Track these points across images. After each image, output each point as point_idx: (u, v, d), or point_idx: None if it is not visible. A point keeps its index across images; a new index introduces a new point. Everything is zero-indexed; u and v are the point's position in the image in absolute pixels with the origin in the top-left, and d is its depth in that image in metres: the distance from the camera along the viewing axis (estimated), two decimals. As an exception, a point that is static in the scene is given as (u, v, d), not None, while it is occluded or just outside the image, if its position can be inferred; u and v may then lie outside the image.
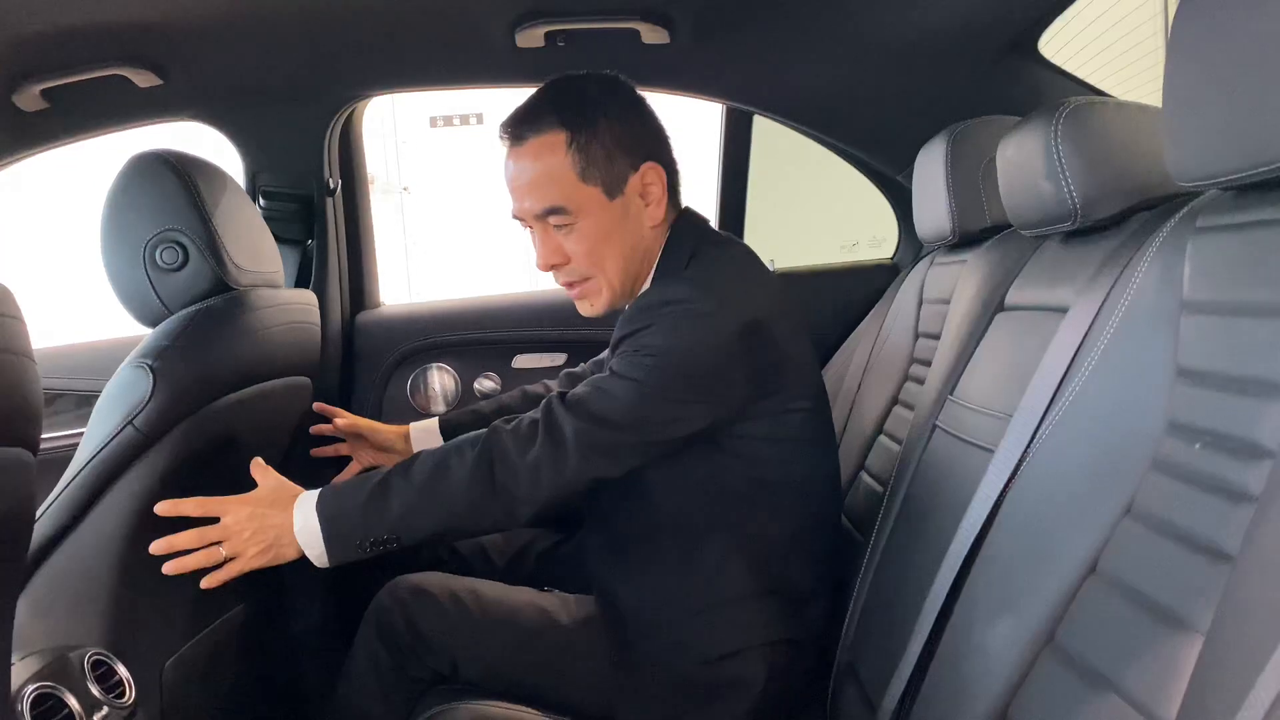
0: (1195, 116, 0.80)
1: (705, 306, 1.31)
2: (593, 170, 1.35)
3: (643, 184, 1.38)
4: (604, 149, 1.35)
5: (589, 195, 1.35)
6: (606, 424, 1.29)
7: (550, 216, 1.36)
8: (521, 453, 1.28)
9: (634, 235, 1.39)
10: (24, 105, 1.57)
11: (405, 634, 1.43)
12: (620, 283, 1.41)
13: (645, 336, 1.30)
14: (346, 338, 2.12)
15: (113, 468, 1.29)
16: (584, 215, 1.36)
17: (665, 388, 1.29)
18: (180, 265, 1.41)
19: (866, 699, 1.25)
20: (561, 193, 1.35)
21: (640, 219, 1.39)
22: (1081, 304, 1.04)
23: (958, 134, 1.63)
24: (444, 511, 1.30)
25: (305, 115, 1.98)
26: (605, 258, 1.38)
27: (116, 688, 1.19)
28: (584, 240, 1.37)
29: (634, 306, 1.35)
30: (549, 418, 1.30)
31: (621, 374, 1.31)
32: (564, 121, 1.35)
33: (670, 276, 1.39)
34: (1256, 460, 0.70)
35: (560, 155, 1.34)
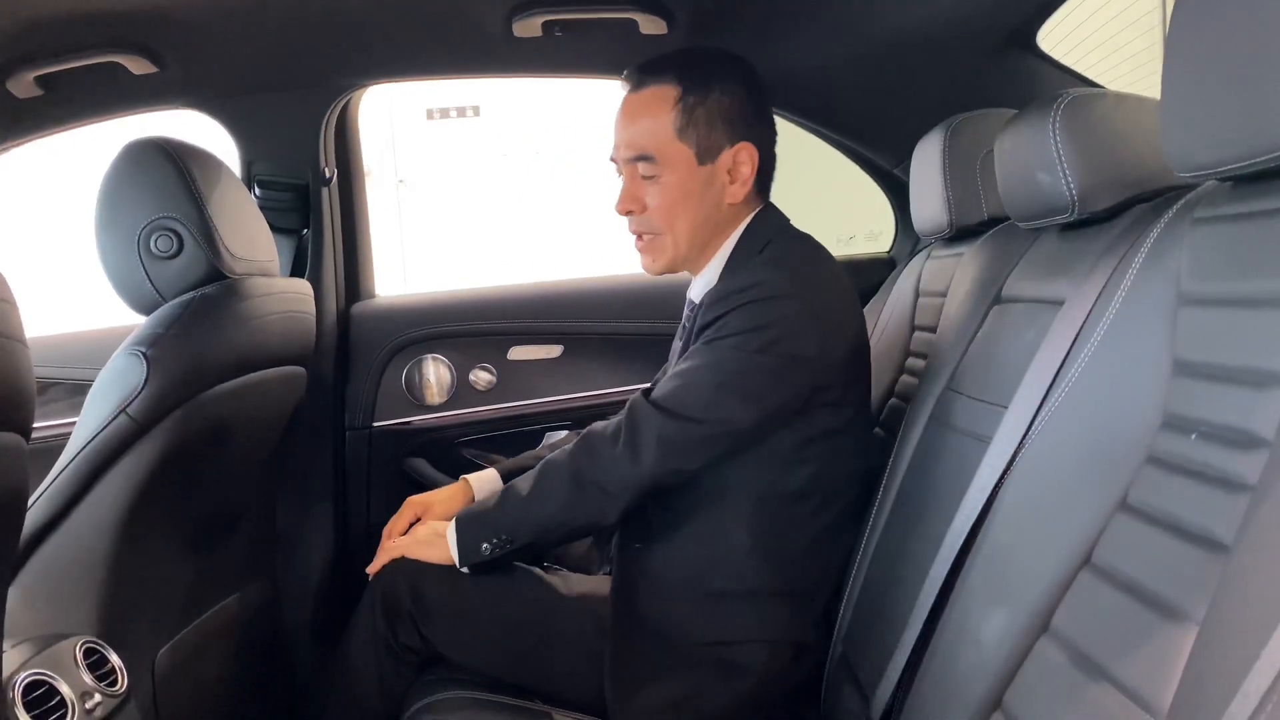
0: (1193, 107, 0.80)
1: (784, 290, 1.34)
2: (690, 130, 1.41)
3: (734, 160, 1.43)
4: (707, 114, 1.41)
5: (680, 153, 1.41)
6: (683, 416, 1.33)
7: (640, 163, 1.43)
8: (608, 450, 1.35)
9: (711, 206, 1.44)
10: (19, 92, 1.56)
11: (407, 602, 1.44)
12: (687, 246, 1.45)
13: (725, 323, 1.34)
14: (341, 328, 2.11)
15: (106, 455, 1.29)
16: (670, 170, 1.42)
17: (744, 374, 1.32)
18: (175, 253, 1.41)
19: (860, 689, 1.25)
20: (655, 143, 1.41)
21: (722, 193, 1.44)
22: (1078, 296, 1.04)
23: (955, 127, 1.63)
24: (544, 512, 1.39)
25: (301, 104, 1.97)
26: (678, 217, 1.43)
27: (109, 676, 1.19)
28: (664, 194, 1.43)
29: (714, 294, 1.38)
30: (631, 415, 1.36)
31: (701, 363, 1.34)
32: (680, 78, 1.42)
33: (745, 262, 1.41)
34: (1252, 450, 0.70)
35: (666, 107, 1.41)
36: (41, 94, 1.59)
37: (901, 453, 1.43)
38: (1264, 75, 0.71)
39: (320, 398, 1.99)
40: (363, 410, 2.11)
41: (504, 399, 2.15)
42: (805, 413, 1.37)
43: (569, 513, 1.38)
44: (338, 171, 2.08)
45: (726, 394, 1.32)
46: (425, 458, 2.13)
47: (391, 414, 2.12)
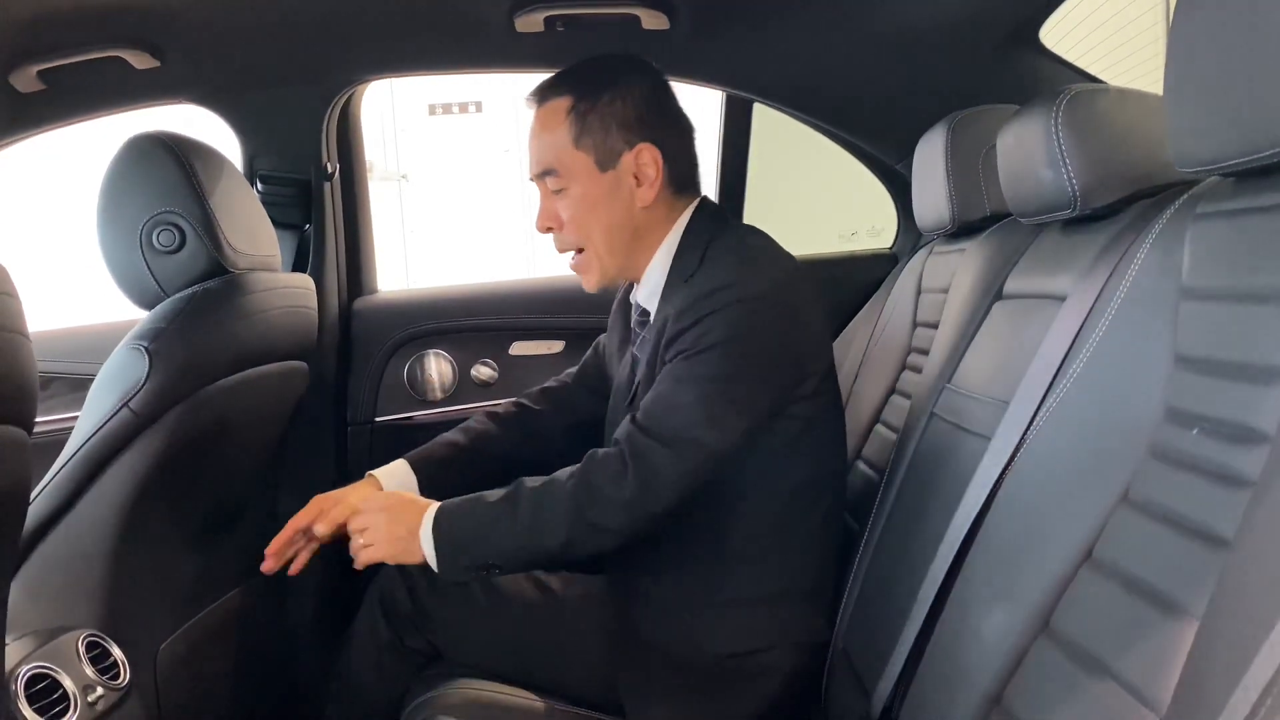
0: (1196, 103, 0.80)
1: (755, 288, 1.32)
2: (586, 139, 1.39)
3: (637, 164, 1.40)
4: (601, 121, 1.39)
5: (580, 162, 1.40)
6: (687, 443, 1.28)
7: (546, 178, 1.42)
8: (616, 490, 1.29)
9: (622, 212, 1.41)
10: (21, 86, 1.56)
11: (407, 605, 1.44)
12: (609, 256, 1.43)
13: (700, 330, 1.30)
14: (343, 323, 2.11)
15: (108, 450, 1.29)
16: (573, 181, 1.40)
17: (733, 375, 1.30)
18: (177, 248, 1.41)
19: (861, 685, 1.25)
20: (555, 156, 1.41)
21: (631, 198, 1.41)
22: (1080, 291, 1.04)
23: (957, 123, 1.62)
24: (540, 546, 1.32)
25: (303, 99, 1.97)
26: (591, 227, 1.42)
27: (111, 669, 1.19)
28: (573, 207, 1.42)
29: (680, 302, 1.34)
30: (635, 449, 1.29)
31: (684, 379, 1.30)
32: (571, 90, 1.41)
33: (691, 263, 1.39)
34: (1254, 445, 0.70)
35: (561, 119, 1.40)
36: (44, 88, 1.58)
37: (903, 449, 1.43)
38: (1267, 70, 0.71)
39: (322, 393, 1.99)
40: (365, 405, 2.11)
41: (506, 394, 2.14)
42: (789, 407, 1.36)
43: (567, 550, 1.32)
44: (340, 166, 2.07)
45: (722, 409, 1.29)
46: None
47: (393, 409, 2.12)
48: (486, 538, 1.32)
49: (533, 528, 1.31)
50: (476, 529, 1.33)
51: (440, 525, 1.33)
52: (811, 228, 2.83)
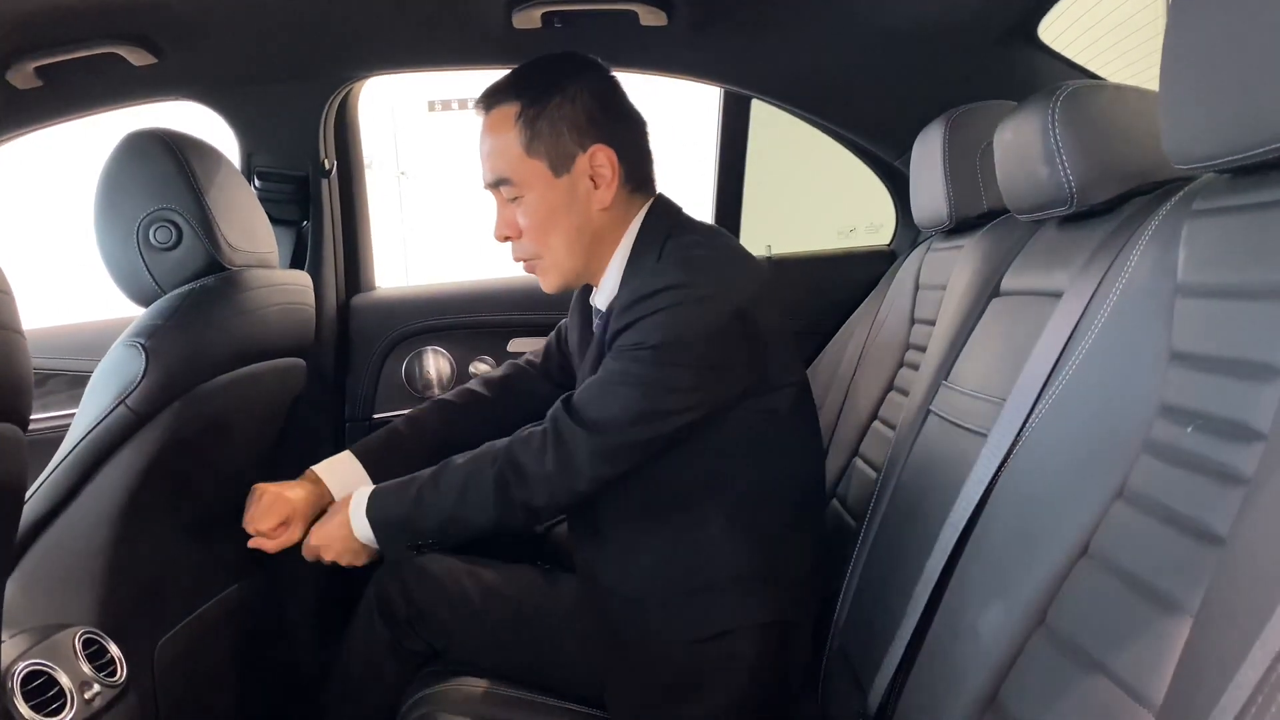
0: (1192, 99, 0.80)
1: (701, 290, 1.30)
2: (538, 145, 1.36)
3: (591, 165, 1.38)
4: (552, 125, 1.36)
5: (533, 169, 1.37)
6: (612, 428, 1.29)
7: (500, 188, 1.40)
8: (535, 467, 1.31)
9: (581, 216, 1.39)
10: (18, 83, 1.56)
11: (404, 608, 1.45)
12: (567, 263, 1.42)
13: (642, 329, 1.29)
14: (341, 320, 2.11)
15: (105, 447, 1.29)
16: (529, 189, 1.38)
17: (668, 380, 1.29)
18: (174, 244, 1.41)
19: (857, 682, 1.26)
20: (508, 164, 1.38)
21: (588, 201, 1.39)
22: (1076, 288, 1.04)
23: (956, 119, 1.62)
24: (474, 524, 1.37)
25: (301, 95, 1.97)
26: (550, 234, 1.40)
27: (108, 666, 1.19)
28: (529, 215, 1.39)
29: (623, 300, 1.33)
30: (556, 429, 1.32)
31: (622, 372, 1.30)
32: (518, 95, 1.38)
33: (647, 263, 1.37)
34: (1248, 442, 0.70)
35: (509, 126, 1.37)
36: (41, 85, 1.58)
37: (900, 446, 1.43)
38: (1262, 67, 0.71)
39: (320, 390, 1.99)
40: (363, 402, 2.12)
41: (504, 391, 2.15)
42: (744, 401, 1.35)
43: (498, 523, 1.36)
44: (338, 163, 2.07)
45: (650, 407, 1.29)
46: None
47: (391, 406, 2.12)
48: (417, 517, 1.38)
49: (461, 505, 1.35)
50: (407, 510, 1.38)
51: (373, 508, 1.40)
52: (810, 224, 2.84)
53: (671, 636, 1.37)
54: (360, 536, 1.41)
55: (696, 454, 1.35)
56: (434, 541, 1.40)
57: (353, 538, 1.41)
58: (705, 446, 1.35)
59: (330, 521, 1.44)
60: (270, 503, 1.47)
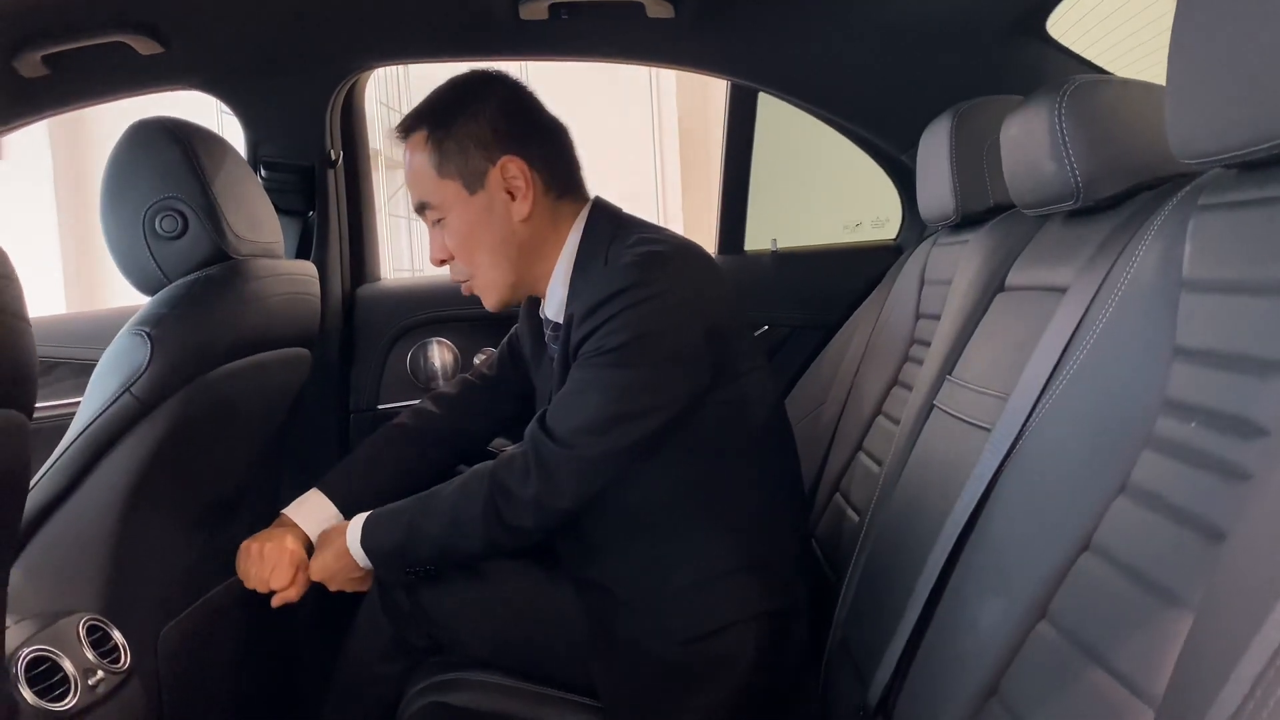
0: (1200, 93, 0.79)
1: (655, 287, 1.30)
2: (448, 165, 1.39)
3: (504, 178, 1.39)
4: (458, 144, 1.39)
5: (448, 190, 1.40)
6: (589, 438, 1.30)
7: (424, 211, 1.42)
8: (520, 490, 1.33)
9: (502, 230, 1.41)
10: (25, 71, 1.56)
11: (406, 602, 1.45)
12: (498, 279, 1.43)
13: (603, 334, 1.30)
14: (346, 310, 2.12)
15: (109, 435, 1.29)
16: (448, 209, 1.40)
17: (635, 380, 1.30)
18: (179, 233, 1.41)
19: (859, 674, 1.26)
20: (423, 189, 1.41)
21: (506, 213, 1.40)
22: (1081, 283, 1.04)
23: (962, 113, 1.62)
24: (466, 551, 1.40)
25: (308, 86, 1.97)
26: (475, 252, 1.42)
27: (112, 653, 1.19)
28: (452, 236, 1.42)
29: (581, 307, 1.33)
30: (536, 450, 1.33)
31: (589, 380, 1.31)
32: (424, 121, 1.41)
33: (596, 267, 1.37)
34: (1252, 438, 0.70)
35: (422, 152, 1.40)
36: (48, 74, 1.59)
37: (903, 440, 1.43)
38: (1271, 61, 0.70)
39: (325, 380, 2.00)
40: (367, 393, 2.12)
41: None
42: (712, 394, 1.35)
43: (490, 549, 1.39)
44: (344, 154, 2.08)
45: (622, 411, 1.30)
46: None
47: (396, 397, 2.13)
48: (410, 547, 1.40)
49: (452, 534, 1.37)
50: (401, 540, 1.41)
51: (368, 540, 1.42)
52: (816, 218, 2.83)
53: (665, 637, 1.37)
54: (361, 564, 1.44)
55: (672, 455, 1.35)
56: (433, 569, 1.42)
57: (355, 566, 1.44)
58: (679, 446, 1.35)
59: (327, 553, 1.47)
60: (275, 557, 1.48)
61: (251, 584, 1.49)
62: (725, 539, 1.38)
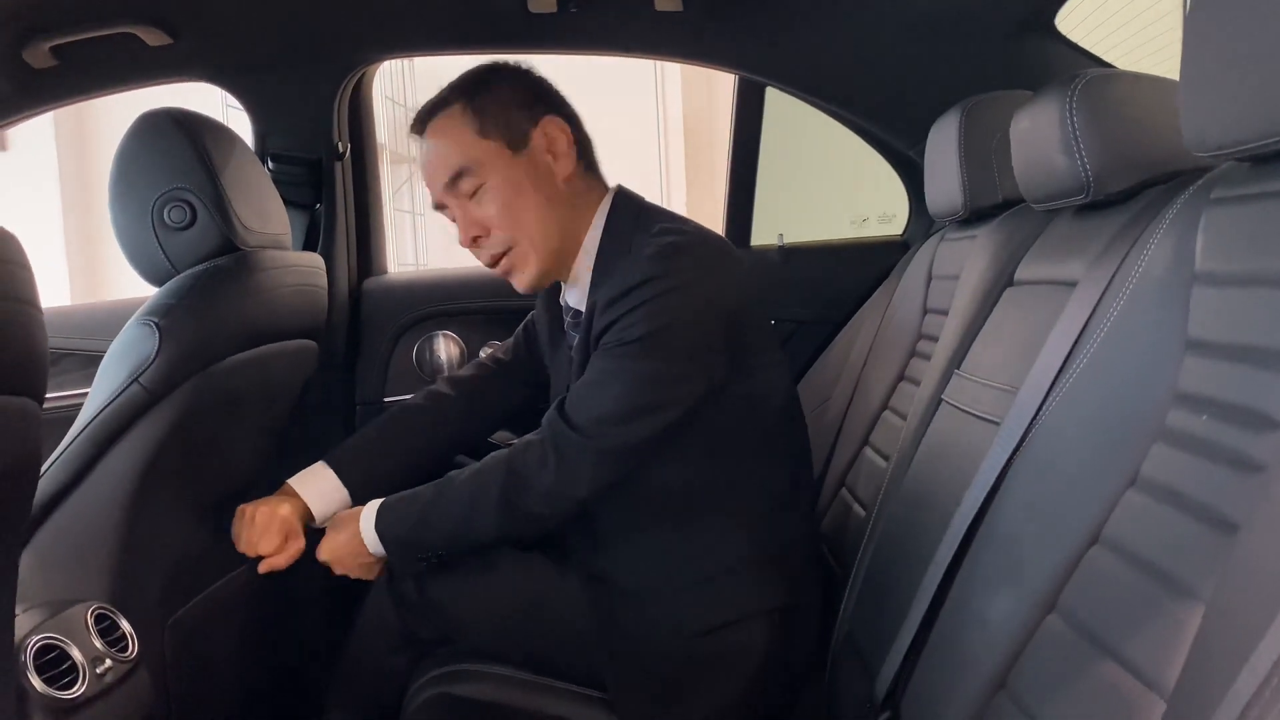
0: (1213, 86, 0.79)
1: (679, 278, 1.30)
2: (491, 125, 1.37)
3: (546, 136, 1.39)
4: (499, 104, 1.38)
5: (491, 150, 1.37)
6: (608, 428, 1.30)
7: (460, 182, 1.38)
8: (537, 478, 1.32)
9: (548, 190, 1.39)
10: (34, 62, 1.56)
11: (414, 593, 1.44)
12: (544, 243, 1.40)
13: (625, 324, 1.29)
14: (353, 303, 2.12)
15: (118, 424, 1.30)
16: (491, 171, 1.37)
17: (656, 371, 1.29)
18: (188, 224, 1.41)
19: (865, 668, 1.25)
20: (463, 152, 1.37)
21: (551, 174, 1.39)
22: (1091, 277, 1.03)
23: (971, 108, 1.61)
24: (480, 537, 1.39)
25: (315, 78, 1.97)
26: (522, 214, 1.38)
27: (119, 642, 1.19)
28: (497, 198, 1.37)
29: (605, 296, 1.32)
30: (554, 438, 1.32)
31: (611, 370, 1.31)
32: (458, 92, 1.40)
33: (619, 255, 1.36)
34: (1264, 430, 0.70)
35: (458, 120, 1.38)
36: (57, 64, 1.59)
37: (911, 434, 1.43)
38: (1284, 54, 0.70)
39: (331, 372, 2.00)
40: (373, 385, 2.12)
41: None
42: (730, 387, 1.35)
43: (503, 535, 1.38)
44: (351, 146, 2.08)
45: (644, 402, 1.30)
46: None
47: (402, 390, 2.13)
48: (425, 532, 1.39)
49: (467, 520, 1.36)
50: (415, 525, 1.40)
51: (382, 525, 1.40)
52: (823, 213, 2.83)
53: (675, 630, 1.37)
54: (373, 550, 1.42)
55: (689, 447, 1.35)
56: (444, 555, 1.42)
57: (365, 552, 1.43)
58: (697, 438, 1.35)
59: (339, 535, 1.45)
60: (266, 522, 1.46)
61: (241, 547, 1.47)
62: (738, 532, 1.38)
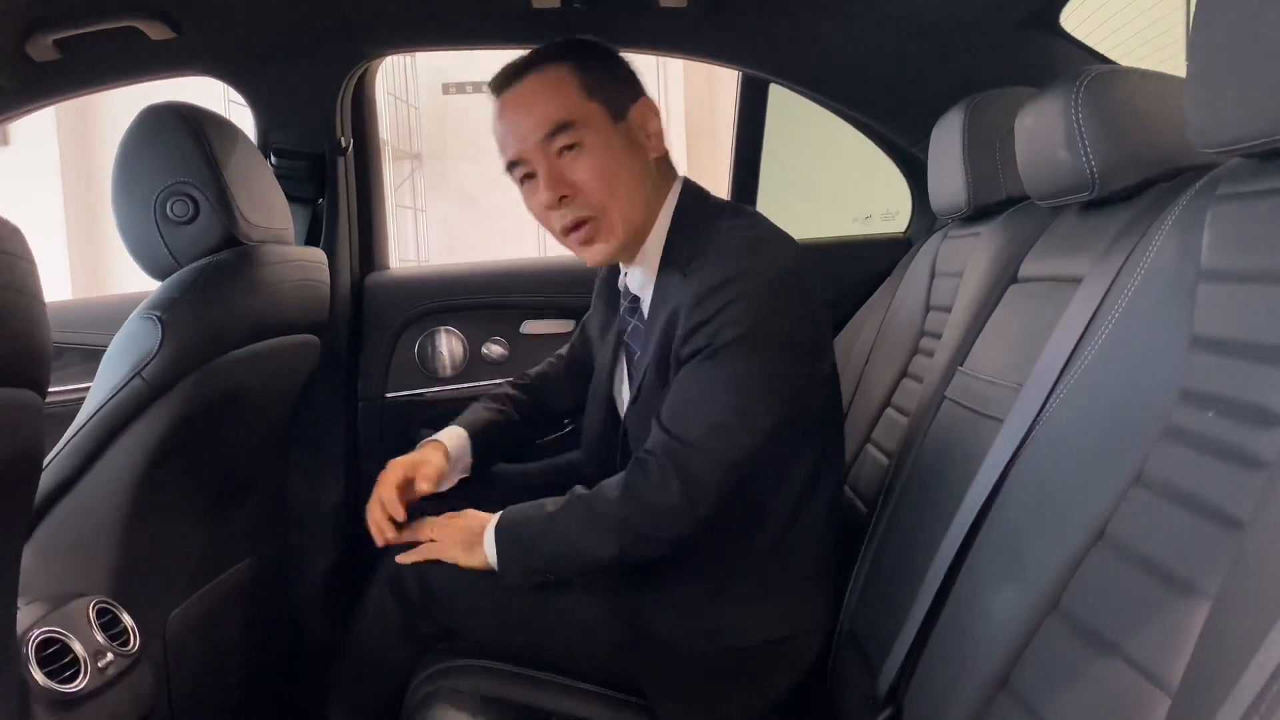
0: (1219, 82, 0.79)
1: (765, 274, 1.28)
2: (597, 90, 1.33)
3: (642, 115, 1.37)
4: (608, 74, 1.36)
5: (595, 112, 1.33)
6: (726, 437, 1.26)
7: (557, 136, 1.31)
8: (661, 498, 1.27)
9: (640, 165, 1.36)
10: (37, 55, 1.56)
11: (417, 588, 1.43)
12: (631, 217, 1.35)
13: (717, 328, 1.26)
14: (355, 298, 2.12)
15: (120, 418, 1.30)
16: (591, 132, 1.32)
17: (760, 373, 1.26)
18: (190, 218, 1.41)
19: (867, 666, 1.25)
20: (567, 107, 1.31)
21: (644, 151, 1.37)
22: (1096, 274, 1.03)
23: (975, 105, 1.61)
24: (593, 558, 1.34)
25: (318, 72, 1.97)
26: (616, 183, 1.33)
27: (121, 635, 1.20)
28: (593, 162, 1.32)
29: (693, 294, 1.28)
30: (671, 455, 1.27)
31: (713, 378, 1.27)
32: (564, 56, 1.35)
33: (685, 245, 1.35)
34: (1270, 427, 0.70)
35: (565, 76, 1.33)
36: (60, 58, 1.59)
37: (914, 432, 1.43)
38: (1292, 50, 0.70)
39: (333, 367, 2.00)
40: (375, 381, 2.12)
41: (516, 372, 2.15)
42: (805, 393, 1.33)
43: (621, 559, 1.32)
44: (354, 141, 2.07)
45: (751, 404, 1.26)
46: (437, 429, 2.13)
47: (404, 385, 2.13)
48: (541, 547, 1.35)
49: (584, 539, 1.32)
50: (533, 539, 1.35)
51: (501, 532, 1.36)
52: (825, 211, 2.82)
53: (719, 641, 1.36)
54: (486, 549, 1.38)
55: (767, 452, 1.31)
56: (551, 573, 1.36)
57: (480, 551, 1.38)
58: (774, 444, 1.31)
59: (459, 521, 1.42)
60: None
61: None
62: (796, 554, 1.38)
